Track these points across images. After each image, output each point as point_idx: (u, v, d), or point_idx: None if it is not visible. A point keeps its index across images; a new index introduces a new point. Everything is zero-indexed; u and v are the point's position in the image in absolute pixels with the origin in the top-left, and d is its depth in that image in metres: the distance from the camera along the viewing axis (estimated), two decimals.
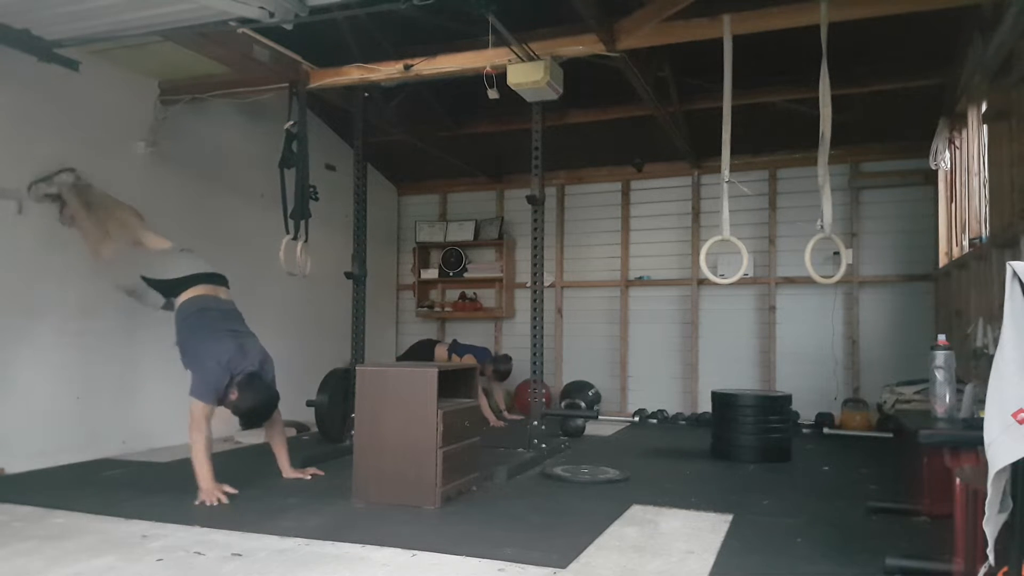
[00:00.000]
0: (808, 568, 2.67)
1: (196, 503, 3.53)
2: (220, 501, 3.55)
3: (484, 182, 8.23)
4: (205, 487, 3.61)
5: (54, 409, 4.55)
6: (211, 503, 3.53)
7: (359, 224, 5.52)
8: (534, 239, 4.98)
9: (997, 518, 1.90)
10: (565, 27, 4.48)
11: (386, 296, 8.43)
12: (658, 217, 7.62)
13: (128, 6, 3.81)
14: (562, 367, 7.83)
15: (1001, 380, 1.85)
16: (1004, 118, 4.16)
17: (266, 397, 3.89)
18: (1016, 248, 3.66)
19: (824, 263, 5.76)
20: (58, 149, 4.58)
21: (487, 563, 2.67)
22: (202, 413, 3.71)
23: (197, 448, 3.67)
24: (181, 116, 5.44)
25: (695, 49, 4.68)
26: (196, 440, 3.67)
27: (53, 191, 4.49)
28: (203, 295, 4.06)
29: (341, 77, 5.07)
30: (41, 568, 2.60)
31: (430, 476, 3.51)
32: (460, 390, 4.08)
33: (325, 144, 7.04)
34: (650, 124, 6.24)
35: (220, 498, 3.57)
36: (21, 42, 4.24)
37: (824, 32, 4.05)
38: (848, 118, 5.54)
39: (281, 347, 6.51)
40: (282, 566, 2.63)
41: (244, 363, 3.82)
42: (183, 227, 5.55)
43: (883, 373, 6.44)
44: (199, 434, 3.68)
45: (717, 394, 5.28)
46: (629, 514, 3.44)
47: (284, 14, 3.77)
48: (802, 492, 4.03)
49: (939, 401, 2.75)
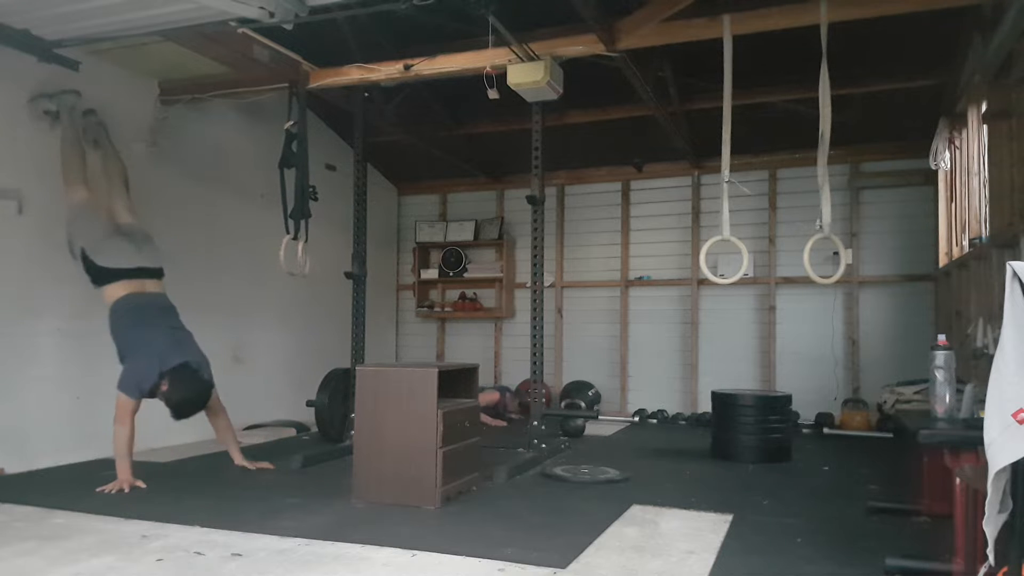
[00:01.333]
0: (808, 568, 2.67)
1: (98, 490, 3.73)
2: (123, 490, 3.75)
3: (484, 182, 8.23)
4: (121, 477, 3.81)
5: (54, 409, 4.55)
6: (116, 491, 3.72)
7: (359, 224, 5.52)
8: (534, 239, 4.98)
9: (997, 518, 1.90)
10: (565, 27, 4.48)
11: (386, 296, 8.43)
12: (658, 217, 7.62)
13: (128, 6, 3.81)
14: (562, 367, 7.83)
15: (1001, 380, 1.85)
16: (1004, 118, 4.16)
17: (197, 389, 4.00)
18: (1016, 248, 3.66)
19: (824, 263, 5.76)
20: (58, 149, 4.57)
21: (487, 563, 2.67)
22: (127, 408, 3.87)
23: (119, 441, 3.85)
24: (181, 116, 5.44)
25: (695, 49, 4.68)
26: (119, 433, 3.86)
27: (53, 108, 4.46)
28: (131, 293, 4.11)
29: (341, 77, 5.07)
30: (41, 568, 2.60)
31: (430, 476, 3.51)
32: (460, 390, 4.08)
33: (325, 144, 7.04)
34: (650, 124, 6.24)
35: (124, 488, 3.77)
36: (21, 42, 4.25)
37: (824, 32, 4.05)
38: (848, 118, 5.54)
39: (281, 347, 6.57)
40: (282, 566, 2.63)
41: (175, 356, 3.95)
42: (183, 227, 5.57)
43: (883, 373, 6.44)
44: (122, 427, 3.86)
45: (717, 394, 5.28)
46: (629, 514, 3.44)
47: (284, 14, 3.77)
48: (802, 492, 4.03)
49: (939, 401, 2.75)
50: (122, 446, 3.85)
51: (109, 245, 4.17)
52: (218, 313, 5.85)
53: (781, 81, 5.71)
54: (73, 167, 4.37)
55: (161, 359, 3.90)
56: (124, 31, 4.16)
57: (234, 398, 5.92)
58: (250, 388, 6.13)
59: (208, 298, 5.77)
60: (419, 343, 8.52)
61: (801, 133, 5.94)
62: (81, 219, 4.22)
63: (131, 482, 3.82)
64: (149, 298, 4.16)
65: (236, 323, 6.05)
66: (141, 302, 4.11)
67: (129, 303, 4.08)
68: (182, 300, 5.49)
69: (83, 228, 4.18)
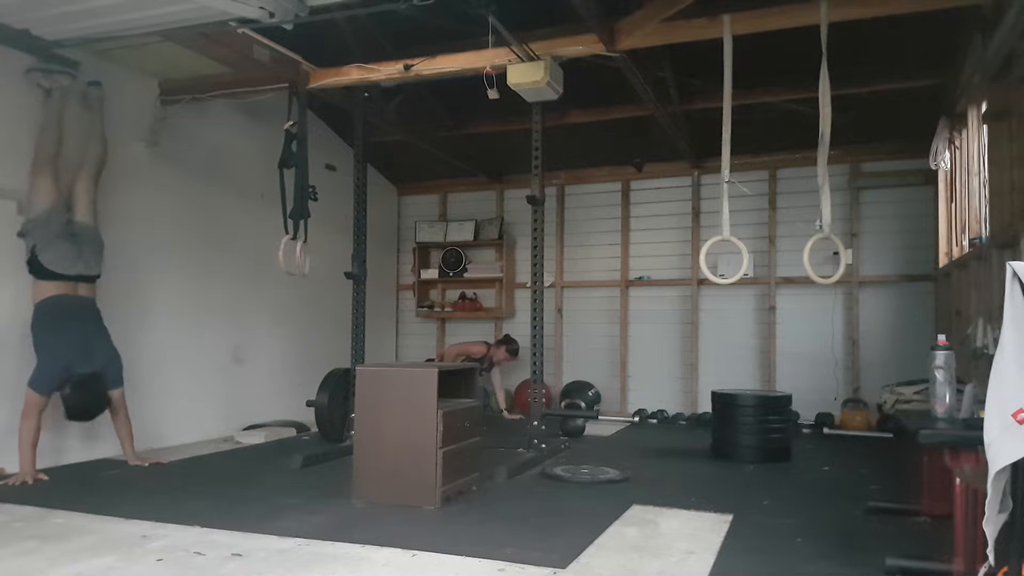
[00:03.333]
0: (808, 568, 2.67)
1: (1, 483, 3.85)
2: (27, 483, 3.89)
3: (484, 182, 8.23)
4: (24, 470, 3.96)
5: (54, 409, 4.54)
6: (19, 484, 3.86)
7: (359, 224, 5.52)
8: (534, 239, 4.98)
9: (997, 518, 1.90)
10: (565, 27, 4.48)
11: (386, 296, 8.43)
12: (658, 217, 7.62)
13: (128, 6, 3.81)
14: (562, 367, 7.83)
15: (1001, 380, 1.85)
16: (1004, 118, 4.16)
17: (93, 401, 4.26)
18: (1016, 248, 3.66)
19: (824, 263, 5.76)
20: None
21: (487, 563, 2.67)
22: (34, 403, 4.05)
23: (24, 435, 4.01)
24: (181, 116, 5.44)
25: (695, 49, 4.69)
26: (24, 427, 4.01)
27: (45, 85, 4.48)
28: (59, 294, 4.27)
29: (341, 77, 5.07)
30: (41, 568, 2.60)
31: (430, 476, 3.51)
32: (460, 390, 4.08)
33: (325, 144, 7.04)
34: (650, 124, 6.24)
35: (28, 480, 3.91)
36: (21, 42, 4.25)
37: (824, 32, 4.05)
38: (848, 118, 5.54)
39: (281, 347, 6.57)
40: (282, 566, 2.63)
41: (84, 365, 4.18)
42: (183, 227, 5.57)
43: (883, 373, 6.44)
44: (28, 422, 4.02)
45: (717, 394, 5.28)
46: (629, 514, 3.44)
47: (284, 14, 3.77)
48: (802, 492, 4.03)
49: (939, 401, 2.75)
50: (27, 440, 4.01)
51: (55, 247, 4.29)
52: (218, 313, 5.85)
53: (781, 81, 5.71)
54: (45, 153, 4.39)
55: (70, 365, 4.15)
56: (124, 31, 4.16)
57: (234, 398, 5.97)
58: (250, 388, 6.14)
59: (208, 298, 5.78)
60: (419, 343, 8.52)
61: (801, 133, 5.94)
62: (41, 218, 4.29)
63: (34, 475, 3.98)
64: (75, 300, 4.33)
65: (236, 323, 6.05)
66: (65, 304, 4.28)
67: (54, 305, 4.25)
68: (182, 300, 5.54)
69: (39, 226, 4.28)
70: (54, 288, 4.26)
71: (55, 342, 4.17)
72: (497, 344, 7.22)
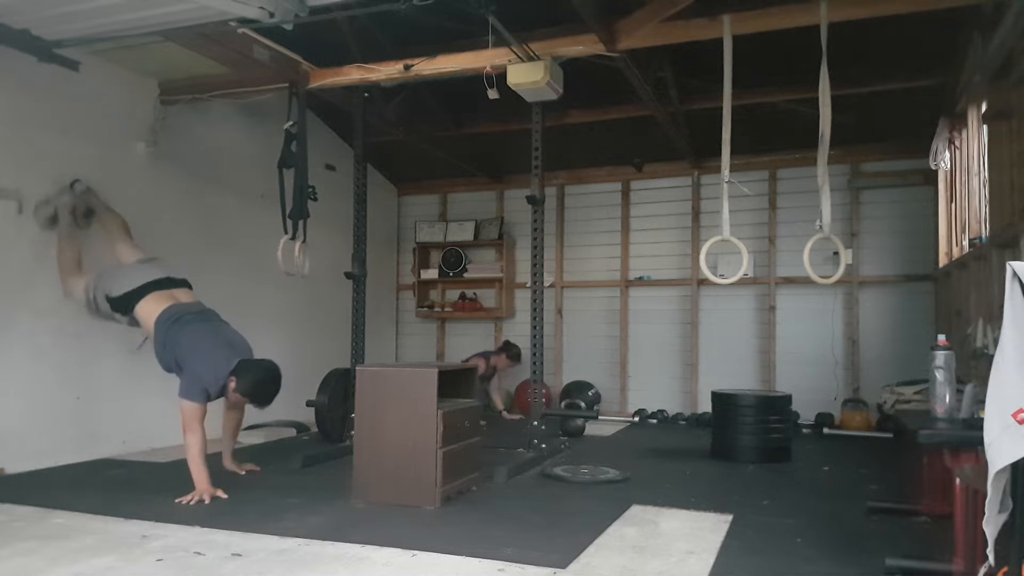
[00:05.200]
0: (808, 568, 2.67)
1: (178, 500, 3.53)
2: (203, 501, 3.54)
3: (484, 182, 8.23)
4: (200, 487, 3.61)
5: (54, 409, 4.55)
6: (195, 502, 3.52)
7: (359, 224, 5.52)
8: (534, 239, 4.97)
9: (997, 518, 1.90)
10: (565, 27, 4.48)
11: (386, 296, 8.43)
12: (658, 217, 7.62)
13: (128, 6, 3.81)
14: (562, 367, 7.83)
15: (1001, 380, 1.85)
16: (1004, 118, 4.16)
17: (265, 368, 3.91)
18: (1016, 248, 3.66)
19: (824, 263, 5.76)
20: (58, 149, 4.58)
21: (487, 563, 2.67)
22: (193, 414, 3.70)
23: (192, 451, 3.67)
24: (181, 116, 5.44)
25: (695, 49, 4.68)
26: (191, 443, 3.68)
27: (51, 211, 4.50)
28: (170, 305, 3.99)
29: (341, 77, 5.07)
30: (41, 568, 2.60)
31: (430, 476, 3.51)
32: (460, 390, 4.08)
33: (325, 144, 7.04)
34: (650, 124, 6.24)
35: (205, 499, 3.56)
36: (21, 42, 4.24)
37: (824, 32, 4.05)
38: (848, 118, 5.54)
39: (281, 347, 6.54)
40: (282, 566, 2.63)
41: (234, 355, 3.86)
42: (183, 227, 5.57)
43: (883, 373, 6.44)
44: (193, 436, 3.67)
45: (717, 394, 5.28)
46: (629, 514, 3.44)
47: (284, 14, 3.77)
48: (802, 492, 4.03)
49: (939, 401, 2.75)
50: (196, 454, 3.66)
51: (123, 273, 4.17)
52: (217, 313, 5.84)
53: (781, 81, 5.70)
54: (69, 260, 4.42)
55: (224, 360, 3.80)
56: (124, 31, 4.15)
57: None
58: None
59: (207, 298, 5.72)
60: (419, 343, 8.52)
61: (801, 133, 5.95)
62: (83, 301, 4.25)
63: (211, 492, 3.60)
64: (188, 306, 4.06)
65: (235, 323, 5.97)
66: (182, 311, 3.99)
67: (173, 313, 3.96)
68: None
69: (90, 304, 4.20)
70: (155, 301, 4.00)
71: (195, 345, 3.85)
72: (497, 352, 7.18)
